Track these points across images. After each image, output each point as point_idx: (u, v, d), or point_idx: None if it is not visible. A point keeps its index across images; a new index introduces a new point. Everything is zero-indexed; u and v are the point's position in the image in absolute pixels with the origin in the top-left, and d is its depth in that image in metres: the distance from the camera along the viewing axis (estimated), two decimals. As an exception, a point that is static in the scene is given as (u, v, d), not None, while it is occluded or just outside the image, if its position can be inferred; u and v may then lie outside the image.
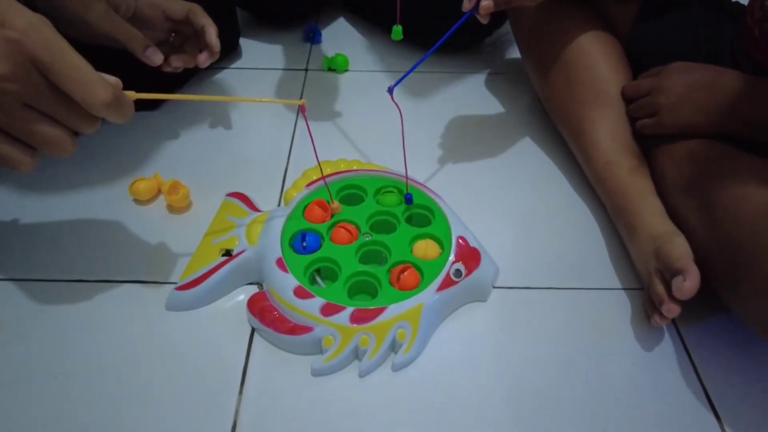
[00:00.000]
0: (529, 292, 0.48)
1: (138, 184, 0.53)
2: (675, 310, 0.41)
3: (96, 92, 0.31)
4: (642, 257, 0.46)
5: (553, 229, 0.53)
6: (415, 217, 0.49)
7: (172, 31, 0.56)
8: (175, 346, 0.42)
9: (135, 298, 0.45)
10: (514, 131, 0.65)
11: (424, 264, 0.44)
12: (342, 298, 0.42)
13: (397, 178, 0.51)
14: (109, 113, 0.32)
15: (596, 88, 0.56)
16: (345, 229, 0.46)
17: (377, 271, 0.44)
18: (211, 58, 0.56)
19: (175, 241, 0.50)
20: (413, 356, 0.41)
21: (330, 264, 0.44)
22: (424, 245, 0.45)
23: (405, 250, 0.45)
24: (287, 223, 0.47)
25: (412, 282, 0.43)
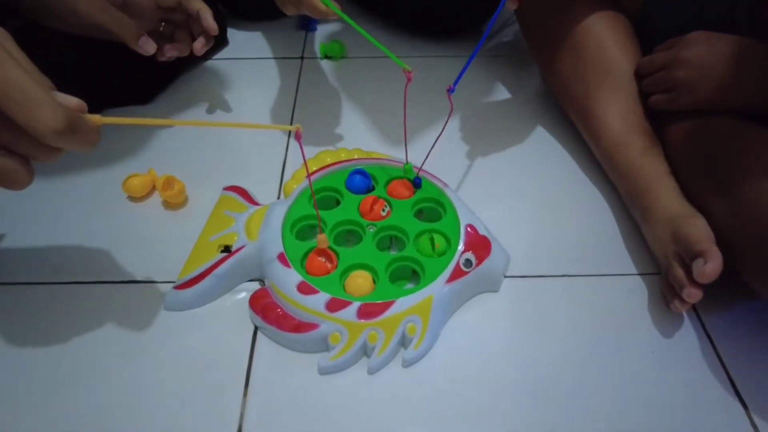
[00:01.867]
0: (542, 281, 0.46)
1: (131, 180, 0.51)
2: (696, 295, 0.39)
3: (42, 118, 0.26)
4: (659, 241, 0.44)
5: (564, 214, 0.51)
6: (425, 211, 0.47)
7: (163, 20, 0.54)
8: (175, 347, 0.41)
9: (132, 299, 0.44)
10: (519, 114, 0.63)
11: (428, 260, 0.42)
12: (340, 291, 0.40)
13: (400, 165, 0.49)
14: (63, 142, 0.27)
15: (604, 67, 0.53)
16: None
17: (378, 262, 0.42)
18: (207, 43, 0.54)
19: (172, 238, 0.48)
20: (424, 351, 0.39)
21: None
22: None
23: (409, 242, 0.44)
24: (288, 215, 0.45)
25: None
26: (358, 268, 0.42)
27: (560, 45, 0.56)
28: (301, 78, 0.68)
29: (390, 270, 0.42)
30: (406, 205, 0.46)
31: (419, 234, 0.44)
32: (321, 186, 0.48)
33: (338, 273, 0.41)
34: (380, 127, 0.60)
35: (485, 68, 0.70)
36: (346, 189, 0.47)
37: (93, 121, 0.30)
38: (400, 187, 0.47)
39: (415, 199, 0.47)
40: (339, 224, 0.45)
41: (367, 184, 0.48)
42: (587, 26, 0.55)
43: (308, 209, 0.45)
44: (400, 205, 0.46)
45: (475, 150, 0.58)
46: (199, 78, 0.67)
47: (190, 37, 0.55)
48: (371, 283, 0.41)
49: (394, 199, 0.47)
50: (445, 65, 0.70)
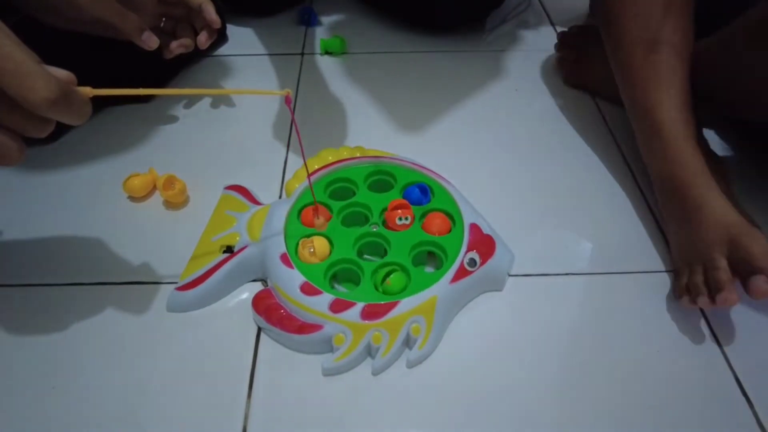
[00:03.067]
0: (546, 279, 0.45)
1: (132, 180, 0.51)
2: (733, 300, 0.38)
3: (35, 87, 0.26)
4: (706, 242, 0.42)
5: (569, 211, 0.51)
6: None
7: (163, 14, 0.53)
8: (177, 349, 0.40)
9: (134, 300, 0.43)
10: (523, 109, 0.62)
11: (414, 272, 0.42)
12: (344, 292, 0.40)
13: (403, 163, 0.49)
14: (56, 112, 0.27)
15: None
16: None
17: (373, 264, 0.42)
18: (211, 37, 0.53)
19: (174, 238, 0.48)
20: (428, 351, 0.39)
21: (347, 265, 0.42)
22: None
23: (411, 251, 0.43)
24: (290, 215, 0.45)
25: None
26: (346, 263, 0.42)
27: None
28: (301, 74, 0.68)
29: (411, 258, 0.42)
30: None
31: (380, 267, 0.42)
32: (322, 185, 0.47)
33: (326, 264, 0.41)
34: (382, 124, 0.60)
35: (486, 63, 0.69)
36: (404, 196, 0.46)
37: (84, 93, 0.30)
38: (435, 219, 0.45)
39: (425, 209, 0.46)
40: (346, 207, 0.45)
41: (423, 198, 0.46)
42: None
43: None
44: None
45: (477, 146, 0.57)
46: (199, 74, 0.67)
47: (193, 33, 0.55)
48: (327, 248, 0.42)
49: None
50: (443, 60, 0.70)
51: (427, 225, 0.44)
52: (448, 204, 0.46)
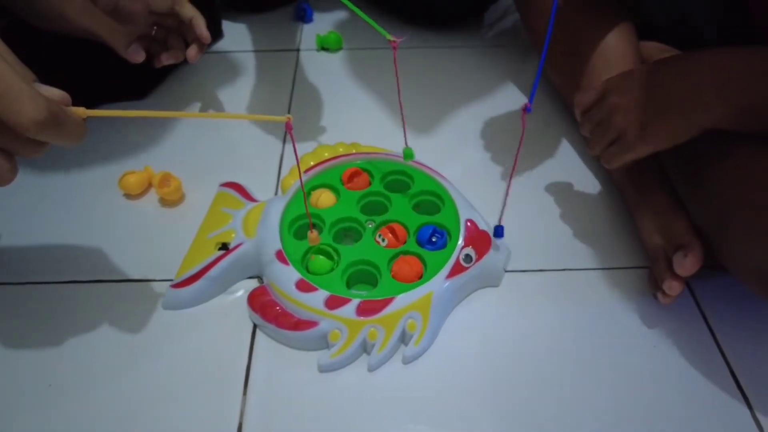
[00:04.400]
0: (543, 275, 0.45)
1: (128, 177, 0.51)
2: (677, 288, 0.40)
3: (23, 110, 0.25)
4: (646, 234, 0.44)
5: (565, 207, 0.51)
6: (423, 204, 0.46)
7: (155, 24, 0.53)
8: (173, 346, 0.40)
9: (129, 298, 0.43)
10: (518, 106, 0.62)
11: (428, 254, 0.42)
12: (340, 288, 0.40)
13: (395, 159, 0.49)
14: (47, 135, 0.27)
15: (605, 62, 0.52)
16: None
17: (377, 259, 0.41)
18: (201, 51, 0.53)
19: (169, 235, 0.48)
20: (424, 347, 0.39)
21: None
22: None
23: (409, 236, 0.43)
24: (286, 212, 0.44)
25: (408, 272, 0.41)
26: (360, 264, 0.41)
27: (569, 59, 0.55)
28: (297, 70, 0.67)
29: (390, 265, 0.41)
30: (404, 199, 0.46)
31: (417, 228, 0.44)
32: (319, 182, 0.47)
33: (340, 270, 0.41)
34: (378, 120, 0.60)
35: (485, 59, 0.69)
36: (417, 242, 0.43)
37: (77, 114, 0.29)
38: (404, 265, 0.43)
39: (413, 191, 0.46)
40: (338, 221, 0.44)
41: (440, 243, 0.43)
42: (594, 40, 0.53)
43: (300, 209, 0.45)
44: (398, 200, 0.46)
45: (473, 142, 0.57)
46: (194, 71, 0.66)
47: (183, 43, 0.54)
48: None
49: (393, 193, 0.46)
50: (443, 56, 0.69)
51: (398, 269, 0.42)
52: (444, 200, 0.45)
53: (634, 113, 0.40)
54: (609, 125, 0.41)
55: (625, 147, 0.41)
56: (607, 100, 0.41)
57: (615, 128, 0.41)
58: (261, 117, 0.45)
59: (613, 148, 0.42)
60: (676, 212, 0.43)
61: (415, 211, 0.45)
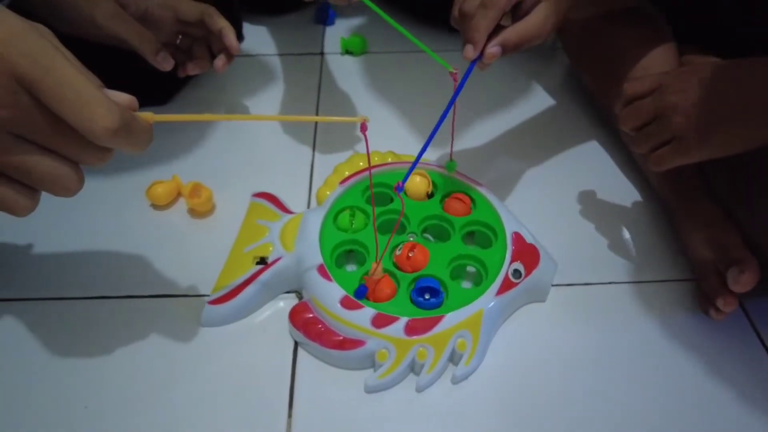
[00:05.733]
0: (589, 289, 0.44)
1: (156, 187, 0.49)
2: (732, 304, 0.38)
3: (96, 117, 0.25)
4: (695, 247, 0.43)
5: (607, 217, 0.49)
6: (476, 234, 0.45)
7: (180, 32, 0.52)
8: (212, 365, 0.39)
9: (163, 314, 0.42)
10: (550, 110, 0.61)
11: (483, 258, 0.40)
12: (387, 305, 0.39)
13: (440, 170, 0.47)
14: (117, 142, 0.26)
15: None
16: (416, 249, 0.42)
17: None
18: (229, 62, 0.52)
19: (201, 248, 0.46)
20: (474, 367, 0.38)
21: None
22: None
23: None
24: (325, 223, 0.43)
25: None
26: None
27: (610, 78, 0.53)
28: (322, 74, 0.66)
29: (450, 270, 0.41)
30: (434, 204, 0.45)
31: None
32: (358, 190, 0.46)
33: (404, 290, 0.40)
34: (409, 126, 0.58)
35: (519, 62, 0.67)
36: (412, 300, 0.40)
37: (145, 120, 0.28)
38: (455, 204, 0.45)
39: (466, 221, 0.44)
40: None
41: (432, 302, 0.39)
42: (634, 59, 0.51)
43: (344, 223, 0.44)
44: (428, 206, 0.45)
45: (506, 148, 0.56)
46: (216, 75, 0.65)
47: (208, 51, 0.53)
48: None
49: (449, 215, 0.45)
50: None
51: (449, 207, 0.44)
52: (489, 214, 0.44)
53: (694, 115, 0.37)
54: (664, 125, 0.38)
55: (681, 151, 0.38)
56: (663, 98, 0.38)
57: (671, 129, 0.38)
58: (337, 119, 0.43)
59: (667, 150, 0.39)
60: (725, 224, 0.41)
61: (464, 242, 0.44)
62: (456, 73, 0.39)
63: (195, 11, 0.50)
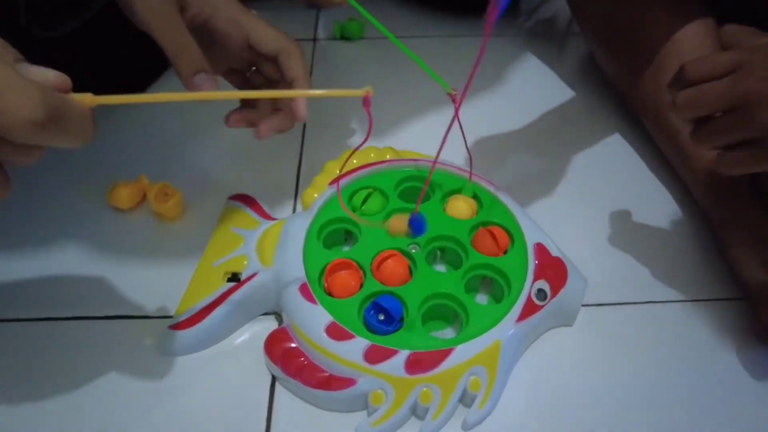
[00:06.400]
0: (622, 309, 0.37)
1: (119, 189, 0.42)
2: None
3: (10, 107, 0.19)
4: (746, 266, 0.36)
5: (639, 225, 0.43)
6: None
7: (252, 64, 0.41)
8: (173, 402, 0.32)
9: (118, 340, 0.35)
10: (571, 106, 0.54)
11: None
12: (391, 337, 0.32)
13: (447, 168, 0.40)
14: (45, 137, 0.20)
15: None
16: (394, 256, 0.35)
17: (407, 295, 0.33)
18: (281, 127, 0.40)
19: (167, 259, 0.40)
20: (490, 410, 0.31)
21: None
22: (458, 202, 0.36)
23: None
24: (310, 232, 0.36)
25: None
26: (433, 299, 0.34)
27: (639, 60, 0.46)
28: (314, 61, 0.59)
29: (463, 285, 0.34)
30: (435, 205, 0.38)
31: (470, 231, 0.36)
32: (348, 193, 0.39)
33: (414, 312, 0.33)
34: (409, 118, 0.52)
35: (523, 49, 0.60)
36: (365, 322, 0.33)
37: (83, 103, 0.22)
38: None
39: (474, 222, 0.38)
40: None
41: (393, 324, 0.32)
42: (672, 39, 0.43)
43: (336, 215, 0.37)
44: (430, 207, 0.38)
45: (524, 148, 0.49)
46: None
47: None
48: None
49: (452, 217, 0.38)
50: (473, 46, 0.61)
51: (478, 243, 0.36)
52: (505, 218, 0.37)
53: None
54: (745, 118, 0.29)
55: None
56: (746, 83, 0.29)
57: (754, 125, 0.28)
58: (337, 92, 0.31)
59: (746, 153, 0.30)
60: None
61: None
62: (455, 94, 0.31)
63: (273, 45, 0.37)
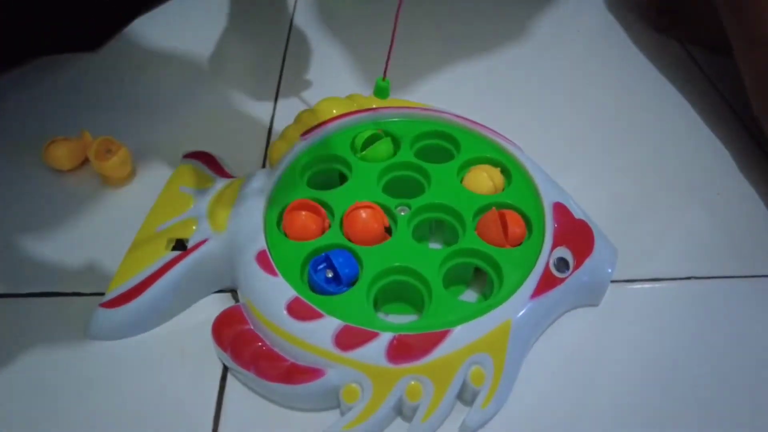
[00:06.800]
0: (657, 287, 0.30)
1: (57, 146, 0.36)
2: None
3: None
4: None
5: (684, 191, 0.36)
6: None
7: None
8: (99, 400, 0.26)
9: (45, 322, 0.29)
10: (595, 58, 0.47)
11: (500, 255, 0.27)
12: (366, 314, 0.25)
13: (441, 117, 0.34)
14: None
15: None
16: (366, 211, 0.28)
17: (421, 265, 0.26)
18: None
19: (110, 228, 0.33)
20: (496, 408, 0.24)
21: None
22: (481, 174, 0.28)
23: (467, 229, 0.28)
24: (274, 194, 0.30)
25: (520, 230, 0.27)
26: (394, 274, 0.26)
27: None
28: (296, 12, 0.52)
29: (444, 271, 0.27)
30: (448, 170, 0.31)
31: (478, 211, 0.28)
32: (323, 153, 0.32)
33: (365, 284, 0.26)
34: (404, 68, 0.45)
35: (535, 4, 0.54)
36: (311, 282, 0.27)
37: None
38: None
39: (460, 161, 0.31)
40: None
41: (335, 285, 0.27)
42: None
43: (296, 193, 0.30)
44: (440, 172, 0.30)
45: (539, 103, 0.42)
46: (160, 17, 0.51)
47: None
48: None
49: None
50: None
51: (483, 226, 0.28)
52: (512, 173, 0.30)
53: None
54: None
55: None
56: None
57: None
58: None
59: None
60: None
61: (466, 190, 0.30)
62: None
63: None
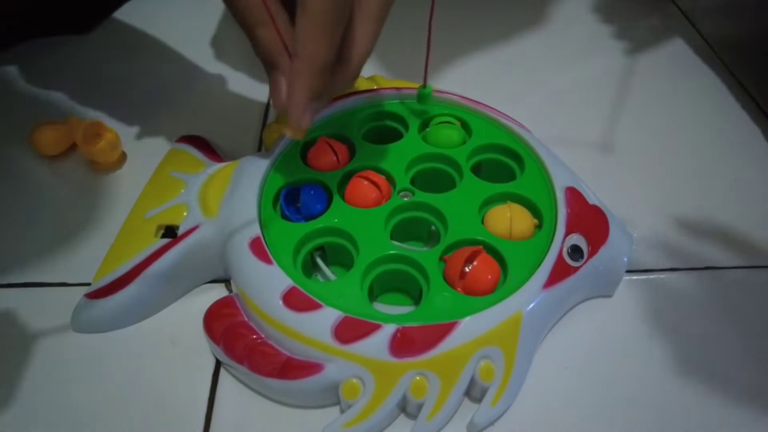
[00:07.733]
0: (675, 277, 0.29)
1: (43, 131, 0.34)
2: None
3: None
4: None
5: (699, 177, 0.34)
6: (487, 165, 0.30)
7: None
8: (83, 397, 0.24)
9: (28, 313, 0.27)
10: (605, 34, 0.46)
11: (507, 246, 0.25)
12: (362, 304, 0.23)
13: (449, 99, 0.32)
14: None
15: None
16: (369, 180, 0.27)
17: (421, 255, 0.25)
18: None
19: (98, 216, 0.32)
20: (506, 405, 0.23)
21: (340, 240, 0.26)
22: (505, 213, 0.26)
23: (471, 221, 0.26)
24: (269, 177, 0.28)
25: (485, 279, 0.24)
26: (392, 263, 0.25)
27: None
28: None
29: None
30: (459, 155, 0.29)
31: (483, 204, 0.27)
32: (329, 132, 0.31)
33: (358, 272, 0.24)
34: (403, 45, 0.43)
35: None
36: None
37: None
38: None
39: (471, 147, 0.29)
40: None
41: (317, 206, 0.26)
42: None
43: (296, 174, 0.28)
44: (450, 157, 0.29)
45: (546, 81, 0.40)
46: (153, 1, 0.50)
47: None
48: (529, 219, 0.26)
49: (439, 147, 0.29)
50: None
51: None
52: (524, 158, 0.29)
53: None
54: None
55: None
56: None
57: None
58: None
59: None
60: None
61: (476, 177, 0.28)
62: None
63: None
